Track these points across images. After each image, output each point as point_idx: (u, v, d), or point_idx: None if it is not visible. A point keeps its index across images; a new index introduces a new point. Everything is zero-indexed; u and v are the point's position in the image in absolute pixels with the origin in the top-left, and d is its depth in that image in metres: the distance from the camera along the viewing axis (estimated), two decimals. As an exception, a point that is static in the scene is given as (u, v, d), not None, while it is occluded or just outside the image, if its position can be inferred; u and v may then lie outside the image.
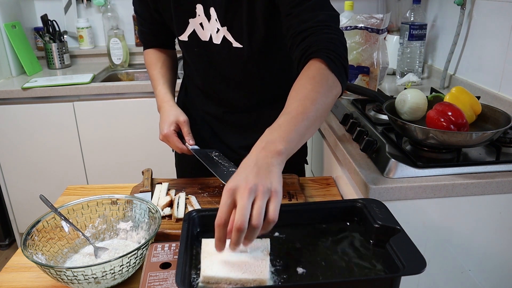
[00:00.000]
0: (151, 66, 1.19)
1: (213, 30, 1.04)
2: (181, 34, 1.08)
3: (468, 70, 1.58)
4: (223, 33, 1.03)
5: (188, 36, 1.08)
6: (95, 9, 2.52)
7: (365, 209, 0.74)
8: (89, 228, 0.91)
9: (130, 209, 0.93)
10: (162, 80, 1.15)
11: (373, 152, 1.03)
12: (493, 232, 0.98)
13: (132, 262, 0.77)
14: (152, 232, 0.83)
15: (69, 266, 0.83)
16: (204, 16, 1.03)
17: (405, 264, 0.59)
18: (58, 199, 1.11)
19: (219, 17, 1.01)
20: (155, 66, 1.18)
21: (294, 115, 0.72)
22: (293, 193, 1.06)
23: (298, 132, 0.70)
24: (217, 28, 1.03)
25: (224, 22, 1.01)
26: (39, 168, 2.17)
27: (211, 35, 1.05)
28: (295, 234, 0.73)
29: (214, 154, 1.07)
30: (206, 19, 1.03)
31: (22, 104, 2.05)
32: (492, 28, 1.43)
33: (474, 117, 1.05)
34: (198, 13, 1.03)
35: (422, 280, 1.01)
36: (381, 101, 1.19)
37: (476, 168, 0.95)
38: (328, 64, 0.79)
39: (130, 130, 2.13)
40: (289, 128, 0.70)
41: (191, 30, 1.07)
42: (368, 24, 1.41)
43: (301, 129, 0.71)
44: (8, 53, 2.18)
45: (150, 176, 1.14)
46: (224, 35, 1.03)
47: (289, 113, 0.73)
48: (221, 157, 1.06)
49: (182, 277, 0.58)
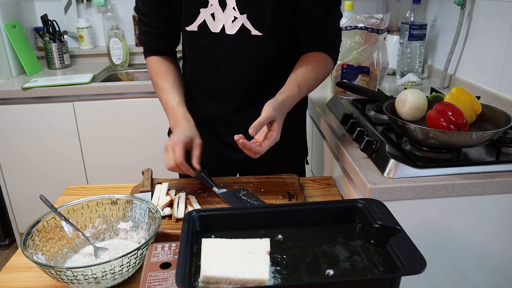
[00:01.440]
0: (162, 78, 1.15)
1: (228, 19, 1.04)
2: (190, 24, 1.07)
3: (468, 70, 1.58)
4: (242, 21, 1.03)
5: (197, 26, 1.07)
6: (95, 9, 2.52)
7: (365, 209, 0.74)
8: (89, 228, 0.91)
9: (130, 209, 0.93)
10: (178, 97, 1.11)
11: (373, 152, 1.03)
12: (493, 232, 0.98)
13: (132, 262, 0.77)
14: (152, 232, 0.83)
15: (69, 266, 0.83)
16: (218, 6, 1.02)
17: (405, 264, 0.59)
18: (58, 199, 1.11)
19: (238, 5, 1.01)
20: (167, 79, 1.14)
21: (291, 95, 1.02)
22: (293, 193, 1.06)
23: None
24: (233, 17, 1.03)
25: (244, 10, 1.02)
26: (39, 168, 2.17)
27: (224, 25, 1.05)
28: (295, 234, 0.73)
29: (242, 193, 1.05)
30: (221, 9, 1.03)
31: (22, 104, 2.05)
32: (492, 28, 1.43)
33: (474, 117, 1.05)
34: (211, 2, 1.02)
35: (422, 280, 1.01)
36: (381, 101, 1.19)
37: (476, 168, 0.96)
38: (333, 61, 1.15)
39: (130, 130, 2.13)
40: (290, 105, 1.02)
41: (201, 21, 1.06)
42: (368, 24, 1.41)
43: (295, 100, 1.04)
44: (8, 53, 2.18)
45: (150, 176, 1.14)
46: (242, 23, 1.04)
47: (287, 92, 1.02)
48: (250, 195, 1.04)
49: (182, 277, 0.58)
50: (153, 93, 2.05)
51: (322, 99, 1.54)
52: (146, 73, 2.49)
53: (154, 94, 1.21)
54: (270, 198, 1.04)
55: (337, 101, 1.41)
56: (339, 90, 1.46)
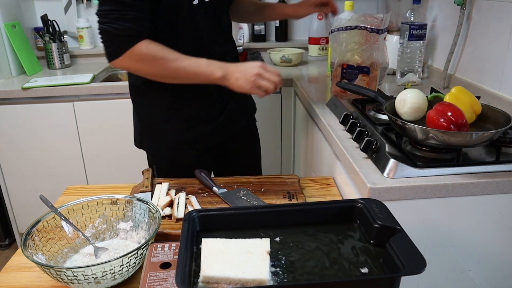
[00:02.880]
0: (170, 51, 1.08)
1: None
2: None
3: (468, 70, 1.58)
4: None
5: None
6: (95, 9, 2.52)
7: (365, 209, 0.74)
8: (89, 228, 0.91)
9: (130, 209, 0.93)
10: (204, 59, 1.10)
11: (373, 152, 1.03)
12: (493, 232, 0.98)
13: (132, 262, 0.77)
14: (152, 232, 0.83)
15: (69, 266, 0.83)
16: None
17: (405, 264, 0.59)
18: (58, 199, 1.11)
19: None
20: (174, 51, 1.09)
21: None
22: (293, 193, 1.06)
23: None
24: None
25: None
26: (39, 168, 2.17)
27: None
28: (295, 234, 0.73)
29: (242, 193, 1.06)
30: None
31: (22, 104, 2.05)
32: (492, 28, 1.43)
33: (474, 117, 1.05)
34: None
35: (422, 280, 1.01)
36: (381, 101, 1.19)
37: (476, 168, 0.95)
38: None
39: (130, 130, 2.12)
40: None
41: None
42: (368, 24, 1.41)
43: None
44: (8, 53, 2.18)
45: (150, 176, 1.14)
46: None
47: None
48: (250, 195, 1.05)
49: (182, 277, 0.58)
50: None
51: (322, 99, 1.54)
52: (146, 73, 2.50)
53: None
54: (270, 198, 1.04)
55: (337, 101, 1.41)
56: (339, 90, 1.46)
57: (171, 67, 1.08)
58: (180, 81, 1.13)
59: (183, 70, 1.08)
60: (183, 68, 1.08)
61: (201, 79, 1.10)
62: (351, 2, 1.80)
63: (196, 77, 1.10)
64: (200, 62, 1.09)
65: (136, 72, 1.14)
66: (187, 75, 1.09)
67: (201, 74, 1.09)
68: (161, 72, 1.10)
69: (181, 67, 1.08)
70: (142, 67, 1.10)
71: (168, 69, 1.08)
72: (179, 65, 1.08)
